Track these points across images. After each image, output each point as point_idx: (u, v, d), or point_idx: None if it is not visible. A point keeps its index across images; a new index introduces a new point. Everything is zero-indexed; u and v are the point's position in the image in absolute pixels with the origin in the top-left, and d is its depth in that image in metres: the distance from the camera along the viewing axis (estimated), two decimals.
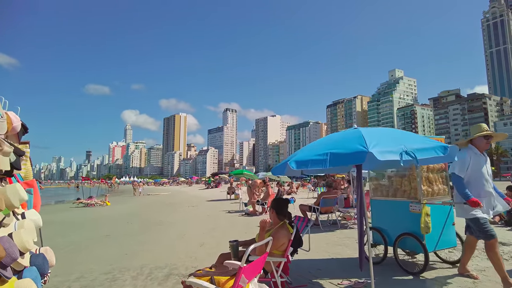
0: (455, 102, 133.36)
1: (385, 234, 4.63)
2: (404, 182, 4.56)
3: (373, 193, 5.09)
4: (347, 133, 3.25)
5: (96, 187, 42.32)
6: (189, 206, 16.62)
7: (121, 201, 23.53)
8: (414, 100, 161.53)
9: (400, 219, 4.44)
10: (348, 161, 2.76)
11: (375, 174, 5.20)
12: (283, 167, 3.35)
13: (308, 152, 3.11)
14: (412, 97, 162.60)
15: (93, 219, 11.92)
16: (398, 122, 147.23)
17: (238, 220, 10.25)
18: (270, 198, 11.03)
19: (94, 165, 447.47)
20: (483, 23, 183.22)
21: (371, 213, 5.08)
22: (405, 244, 4.37)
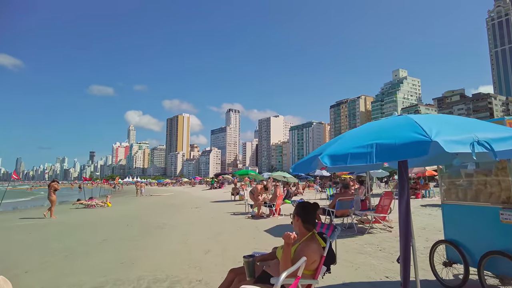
0: (460, 102, 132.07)
1: (465, 250, 3.63)
2: (490, 181, 3.48)
3: (446, 195, 4.08)
4: (393, 120, 2.57)
5: (98, 188, 41.90)
6: (192, 207, 16.00)
7: (123, 202, 22.96)
8: (418, 100, 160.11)
9: (487, 231, 3.43)
10: (402, 154, 2.10)
11: (449, 171, 4.12)
12: (310, 163, 2.70)
13: (345, 144, 2.45)
14: (416, 97, 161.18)
15: (91, 221, 11.34)
16: None
17: (245, 223, 9.62)
18: (278, 200, 10.40)
19: (97, 165, 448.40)
20: (488, 22, 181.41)
21: (444, 221, 4.09)
22: (495, 266, 3.29)
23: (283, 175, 18.57)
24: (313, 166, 2.58)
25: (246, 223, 9.52)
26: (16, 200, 30.00)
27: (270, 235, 7.30)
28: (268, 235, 7.41)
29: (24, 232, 9.12)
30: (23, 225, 10.68)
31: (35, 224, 10.87)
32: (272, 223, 9.31)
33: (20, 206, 23.61)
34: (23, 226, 10.39)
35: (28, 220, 12.27)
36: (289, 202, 11.28)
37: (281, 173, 19.53)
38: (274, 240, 6.72)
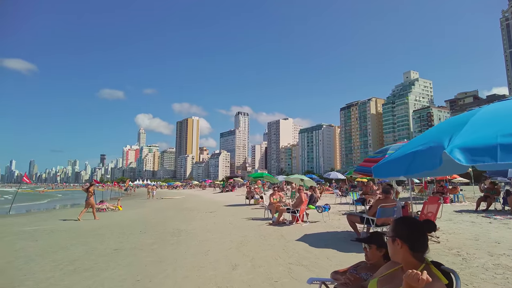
0: (474, 104, 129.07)
1: None
2: None
3: None
4: None
5: (109, 191, 41.59)
6: (206, 212, 15.26)
7: (134, 206, 22.37)
8: (430, 102, 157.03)
9: None
10: None
11: None
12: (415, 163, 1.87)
13: (483, 132, 1.63)
14: (428, 99, 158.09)
15: (102, 227, 10.66)
16: (414, 124, 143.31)
17: (268, 230, 8.79)
18: (303, 205, 9.55)
19: (108, 168, 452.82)
20: (502, 22, 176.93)
21: None
22: None
23: (300, 177, 17.73)
24: (434, 164, 1.75)
25: (269, 231, 8.70)
26: (30, 203, 29.77)
27: (302, 247, 6.47)
28: (299, 245, 6.58)
29: (30, 239, 8.47)
30: (30, 230, 10.06)
31: (43, 230, 10.24)
32: (298, 231, 8.48)
33: (33, 208, 23.25)
34: (31, 232, 9.77)
35: (37, 224, 11.68)
36: (313, 207, 10.40)
37: (298, 176, 18.67)
38: (309, 253, 5.89)
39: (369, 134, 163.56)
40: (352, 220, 6.90)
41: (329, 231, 8.37)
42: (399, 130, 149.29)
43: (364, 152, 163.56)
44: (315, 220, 10.20)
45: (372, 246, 2.40)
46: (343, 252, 5.82)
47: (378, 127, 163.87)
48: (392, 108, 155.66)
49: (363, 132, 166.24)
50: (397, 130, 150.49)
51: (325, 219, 10.21)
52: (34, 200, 34.65)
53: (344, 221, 10.03)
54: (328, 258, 5.44)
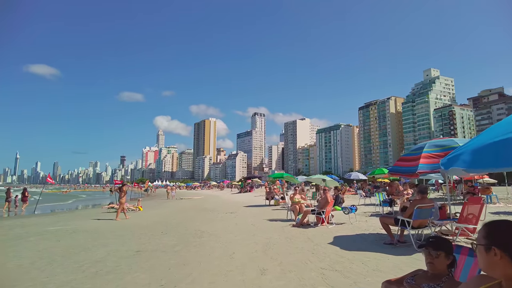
0: (500, 101, 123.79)
1: None
2: None
3: None
4: None
5: (129, 192, 42.09)
6: (226, 212, 15.03)
7: (154, 206, 22.44)
8: (452, 100, 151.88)
9: None
10: None
11: None
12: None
13: None
14: (450, 98, 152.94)
15: (123, 227, 10.58)
16: (435, 123, 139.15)
17: (292, 232, 8.43)
18: (328, 206, 9.14)
19: (128, 169, 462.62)
20: None
21: None
22: None
23: (322, 177, 17.23)
24: None
25: (294, 233, 8.33)
26: (55, 203, 30.44)
27: (332, 250, 6.08)
28: (329, 249, 6.20)
29: (53, 239, 8.44)
30: (53, 230, 10.09)
31: (65, 230, 10.25)
32: (326, 233, 8.08)
33: (57, 208, 23.72)
34: (54, 232, 9.78)
35: (60, 225, 11.75)
36: (340, 209, 9.95)
37: (319, 176, 18.17)
38: (341, 258, 5.50)
39: (389, 133, 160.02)
40: (386, 222, 6.44)
41: (358, 233, 7.93)
42: (420, 129, 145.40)
43: (383, 152, 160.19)
44: (341, 222, 9.76)
45: (441, 253, 2.02)
46: (378, 256, 5.40)
47: (397, 127, 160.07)
48: (412, 107, 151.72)
49: (383, 132, 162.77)
50: (417, 129, 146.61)
51: (352, 221, 9.76)
52: (59, 201, 35.50)
53: (373, 223, 9.56)
54: (363, 263, 5.04)
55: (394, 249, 5.90)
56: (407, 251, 5.70)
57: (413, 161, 6.20)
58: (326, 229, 8.67)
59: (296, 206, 10.34)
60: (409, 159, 6.49)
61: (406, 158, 6.77)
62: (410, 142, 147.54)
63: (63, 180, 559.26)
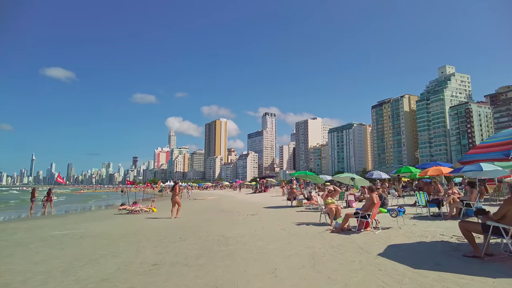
0: None
1: None
2: None
3: None
4: None
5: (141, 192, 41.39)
6: (247, 214, 13.76)
7: (169, 207, 21.32)
8: (468, 97, 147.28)
9: None
10: None
11: None
12: None
13: None
14: (466, 95, 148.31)
15: (136, 232, 9.43)
16: (451, 121, 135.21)
17: (337, 240, 7.07)
18: (375, 209, 7.77)
19: (140, 170, 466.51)
20: None
21: None
22: None
23: (351, 176, 15.76)
24: None
25: (338, 240, 6.98)
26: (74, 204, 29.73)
27: (402, 266, 4.72)
28: (395, 264, 4.83)
29: (57, 246, 7.31)
30: (59, 235, 8.99)
31: (73, 235, 9.16)
32: (376, 241, 6.72)
33: (72, 209, 22.89)
34: (59, 237, 8.68)
35: (69, 228, 10.69)
36: (385, 211, 8.53)
37: (348, 175, 16.66)
38: (423, 277, 4.15)
39: (403, 132, 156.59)
40: (469, 228, 5.04)
41: (417, 241, 6.54)
42: (435, 127, 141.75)
43: (397, 152, 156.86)
44: (387, 226, 8.38)
45: None
46: (476, 279, 4.02)
47: (412, 125, 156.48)
48: (426, 105, 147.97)
49: (396, 131, 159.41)
50: (432, 128, 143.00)
51: (400, 225, 8.36)
52: (81, 201, 34.65)
53: (424, 227, 8.16)
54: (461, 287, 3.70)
55: (487, 266, 4.52)
56: (508, 270, 4.32)
57: (504, 145, 4.81)
58: (373, 235, 7.32)
59: (332, 208, 9.00)
60: (497, 144, 5.10)
61: (489, 144, 5.37)
62: (424, 141, 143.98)
63: (77, 180, 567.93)
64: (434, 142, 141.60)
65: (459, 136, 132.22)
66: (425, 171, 14.23)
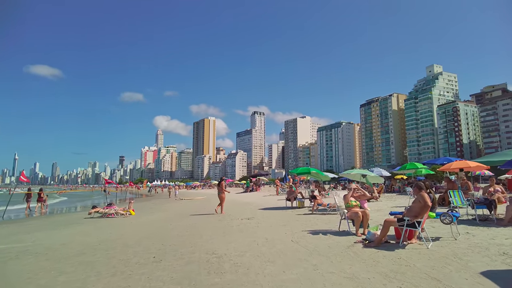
0: (505, 97, 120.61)
1: None
2: None
3: None
4: None
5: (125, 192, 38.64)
6: (242, 218, 11.46)
7: (150, 209, 18.91)
8: (456, 96, 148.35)
9: None
10: None
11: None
12: None
13: None
14: (453, 94, 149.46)
15: (98, 245, 7.09)
16: (439, 120, 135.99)
17: (382, 262, 4.86)
18: (425, 213, 5.62)
19: (127, 169, 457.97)
20: None
21: None
22: None
23: (362, 172, 13.62)
24: None
25: (388, 262, 4.77)
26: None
27: None
28: None
29: None
30: (4, 249, 6.57)
31: (12, 249, 6.74)
32: (445, 261, 4.57)
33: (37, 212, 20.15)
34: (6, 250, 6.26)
35: (14, 239, 8.23)
36: (434, 215, 6.35)
37: (359, 171, 14.48)
38: None
39: (391, 131, 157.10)
40: None
41: (507, 261, 4.44)
42: (423, 126, 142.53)
43: (385, 150, 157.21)
44: (434, 236, 6.27)
45: None
46: None
47: (400, 124, 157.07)
48: (415, 104, 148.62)
49: (385, 129, 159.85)
50: (420, 126, 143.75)
51: (455, 235, 6.24)
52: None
53: (487, 237, 6.05)
54: None
55: None
56: None
57: None
58: (428, 252, 5.17)
59: (359, 212, 6.80)
60: None
61: None
62: (413, 140, 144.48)
63: (62, 180, 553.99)
64: (422, 141, 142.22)
65: (446, 134, 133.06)
66: (448, 165, 12.27)
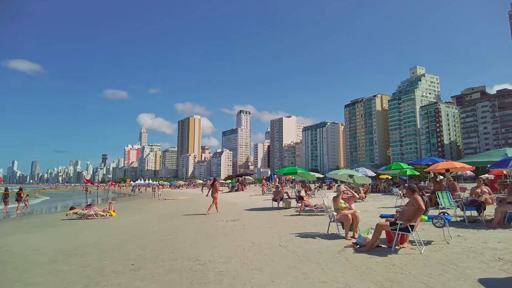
0: (484, 99, 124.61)
1: None
2: None
3: None
4: None
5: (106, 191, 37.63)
6: (228, 220, 11.10)
7: (132, 210, 18.30)
8: (437, 98, 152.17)
9: None
10: None
11: None
12: None
13: None
14: (435, 95, 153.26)
15: (73, 250, 6.60)
16: (421, 121, 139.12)
17: (377, 269, 4.59)
18: (419, 217, 5.42)
19: (109, 168, 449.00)
20: (511, 15, 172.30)
21: None
22: None
23: (349, 173, 13.39)
24: None
25: (382, 269, 4.51)
26: None
27: None
28: None
29: None
30: None
31: None
32: (441, 268, 4.36)
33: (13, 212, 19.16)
34: None
35: None
36: (426, 218, 6.16)
37: (346, 171, 14.24)
38: None
39: (375, 131, 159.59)
40: None
41: (497, 269, 4.26)
42: (406, 126, 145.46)
43: (369, 150, 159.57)
44: (425, 239, 6.09)
45: None
46: None
47: (384, 124, 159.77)
48: (398, 105, 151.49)
49: (369, 129, 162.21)
50: (403, 126, 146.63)
51: (446, 238, 6.07)
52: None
53: (478, 240, 5.89)
54: None
55: None
56: None
57: None
58: (422, 256, 4.96)
59: (348, 215, 6.57)
60: None
61: None
62: (396, 140, 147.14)
63: (42, 179, 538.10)
64: (405, 141, 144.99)
65: (428, 135, 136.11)
66: (434, 165, 12.24)
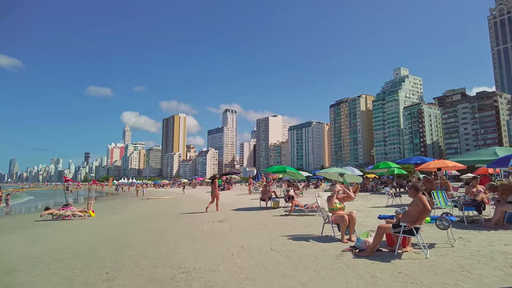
0: (464, 101, 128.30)
1: None
2: None
3: None
4: None
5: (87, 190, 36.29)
6: (214, 221, 10.51)
7: (112, 209, 17.46)
8: (420, 99, 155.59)
9: None
10: None
11: None
12: None
13: None
14: (418, 96, 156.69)
15: (43, 256, 5.91)
16: (405, 121, 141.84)
17: (383, 278, 4.18)
18: (424, 218, 5.00)
19: (92, 166, 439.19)
20: (489, 20, 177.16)
21: None
22: None
23: (339, 171, 12.97)
24: None
25: (389, 278, 4.10)
26: None
27: None
28: None
29: None
30: None
31: None
32: (456, 277, 3.95)
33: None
34: None
35: None
36: (429, 220, 5.75)
37: (336, 170, 13.76)
38: None
39: (359, 131, 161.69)
40: None
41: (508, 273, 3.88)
42: (389, 127, 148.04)
43: (354, 149, 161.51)
44: (428, 242, 5.70)
45: None
46: None
47: (368, 124, 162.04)
48: (382, 105, 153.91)
49: (353, 129, 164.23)
50: (387, 127, 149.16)
51: (450, 241, 5.69)
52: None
53: (484, 242, 5.52)
54: None
55: None
56: None
57: None
58: (429, 262, 4.55)
59: (345, 216, 6.11)
60: None
61: None
62: (379, 140, 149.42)
63: (21, 178, 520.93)
64: (388, 141, 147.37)
65: (411, 135, 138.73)
66: (426, 164, 12.00)
